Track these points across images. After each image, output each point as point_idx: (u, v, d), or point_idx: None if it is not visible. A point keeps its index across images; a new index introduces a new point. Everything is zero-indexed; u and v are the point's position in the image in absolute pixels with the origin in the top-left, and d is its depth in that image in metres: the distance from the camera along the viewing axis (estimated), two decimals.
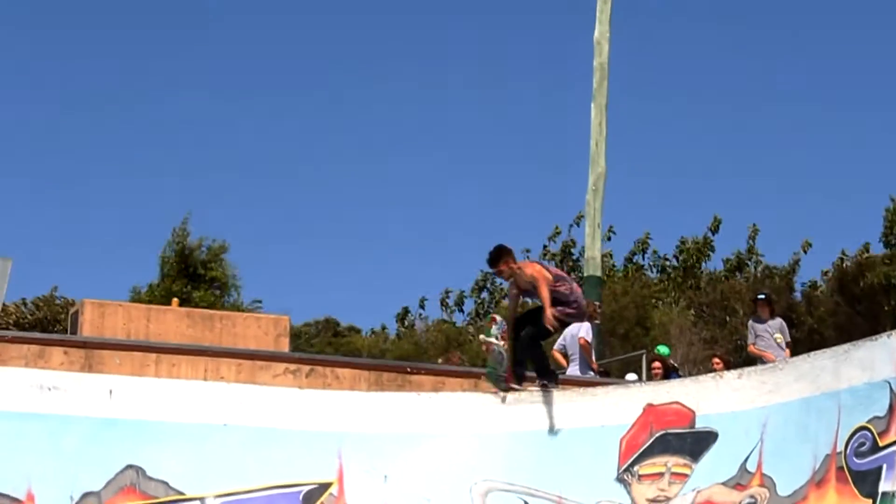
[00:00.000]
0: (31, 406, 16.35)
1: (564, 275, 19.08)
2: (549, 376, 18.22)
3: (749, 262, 56.33)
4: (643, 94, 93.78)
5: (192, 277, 46.51)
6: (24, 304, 49.96)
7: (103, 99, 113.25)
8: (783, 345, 23.11)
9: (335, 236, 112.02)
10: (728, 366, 21.97)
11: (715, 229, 57.89)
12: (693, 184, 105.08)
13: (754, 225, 57.36)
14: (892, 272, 43.26)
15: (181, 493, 16.03)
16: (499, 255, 18.51)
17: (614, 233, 51.49)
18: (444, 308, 61.27)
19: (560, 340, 25.34)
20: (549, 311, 16.91)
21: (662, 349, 27.53)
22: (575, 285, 18.75)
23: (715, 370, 21.23)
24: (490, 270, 19.97)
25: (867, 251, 48.41)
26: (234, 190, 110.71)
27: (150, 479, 16.06)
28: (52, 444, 16.02)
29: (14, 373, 17.48)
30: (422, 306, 60.61)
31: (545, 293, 17.30)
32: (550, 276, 18.03)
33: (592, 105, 33.14)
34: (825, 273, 49.97)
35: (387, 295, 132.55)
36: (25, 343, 20.18)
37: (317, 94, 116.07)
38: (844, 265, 49.04)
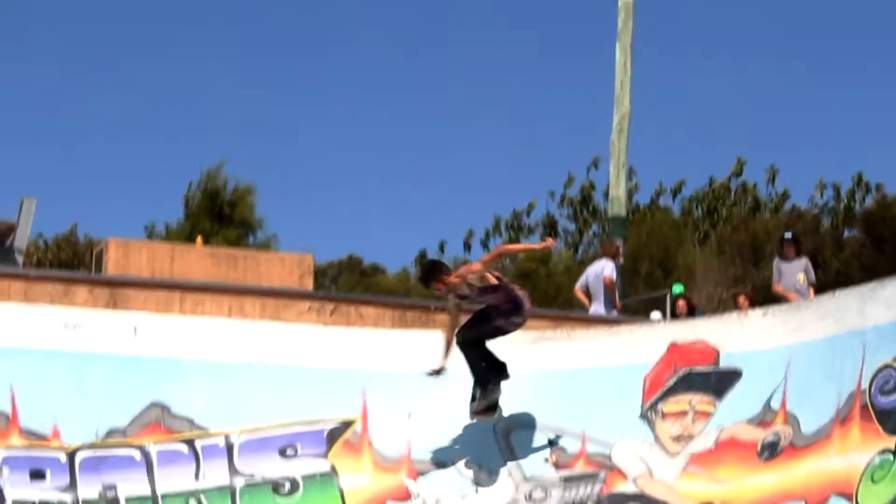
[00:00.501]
0: (57, 344, 16.40)
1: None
2: (491, 383, 16.19)
3: (771, 203, 56.44)
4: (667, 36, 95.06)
5: (218, 218, 46.42)
6: (45, 243, 49.82)
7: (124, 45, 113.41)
8: (806, 284, 23.11)
9: (360, 176, 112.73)
10: (753, 304, 21.92)
11: (739, 172, 57.81)
12: (717, 125, 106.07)
13: (772, 165, 57.51)
14: None
15: (205, 430, 16.06)
16: (432, 272, 16.67)
17: (635, 174, 51.49)
18: (466, 250, 61.28)
19: (582, 279, 25.37)
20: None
21: (677, 288, 27.38)
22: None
23: (740, 308, 21.18)
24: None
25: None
26: (260, 130, 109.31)
27: (175, 416, 16.10)
28: (78, 382, 16.08)
29: (39, 311, 17.55)
30: (441, 250, 60.48)
31: (497, 251, 16.70)
32: (494, 280, 16.08)
33: (617, 45, 32.76)
34: (849, 212, 49.64)
35: (412, 234, 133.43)
36: (50, 281, 20.28)
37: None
38: (870, 206, 49.01)
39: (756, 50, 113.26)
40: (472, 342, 16.01)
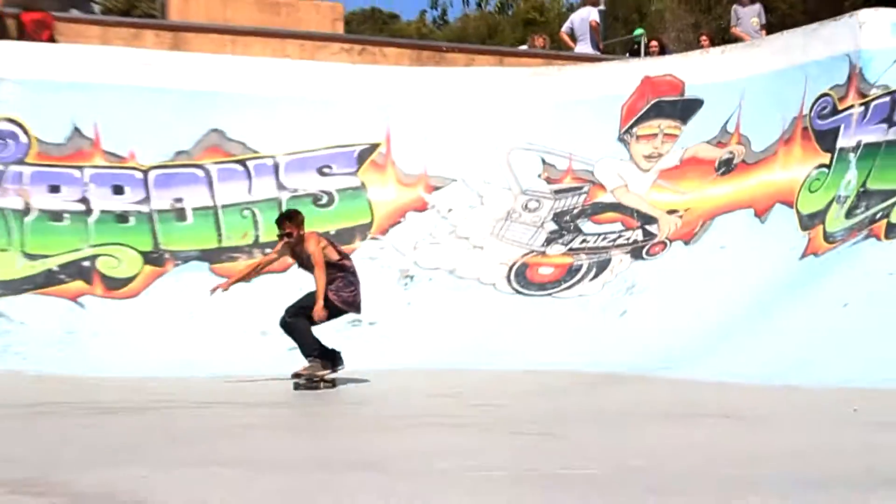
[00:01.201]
0: (131, 80, 16.60)
1: (347, 254, 14.06)
2: (316, 353, 12.92)
3: None
4: None
5: None
6: None
7: None
8: (758, 27, 23.15)
9: None
10: (713, 43, 22.04)
11: None
12: None
13: None
14: None
15: (256, 152, 16.33)
16: (290, 217, 13.41)
17: None
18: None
19: (567, 24, 25.25)
20: (320, 307, 12.72)
21: (638, 31, 27.13)
22: (354, 267, 13.66)
23: (702, 46, 21.28)
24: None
25: None
26: None
27: (230, 140, 16.34)
28: (149, 112, 16.25)
29: (115, 51, 17.71)
30: None
31: (321, 283, 12.83)
32: (336, 256, 13.38)
33: None
34: None
35: None
36: (123, 27, 20.34)
37: None
38: None
39: None
40: (302, 311, 12.91)
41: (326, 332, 12.76)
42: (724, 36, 25.36)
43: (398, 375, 12.56)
